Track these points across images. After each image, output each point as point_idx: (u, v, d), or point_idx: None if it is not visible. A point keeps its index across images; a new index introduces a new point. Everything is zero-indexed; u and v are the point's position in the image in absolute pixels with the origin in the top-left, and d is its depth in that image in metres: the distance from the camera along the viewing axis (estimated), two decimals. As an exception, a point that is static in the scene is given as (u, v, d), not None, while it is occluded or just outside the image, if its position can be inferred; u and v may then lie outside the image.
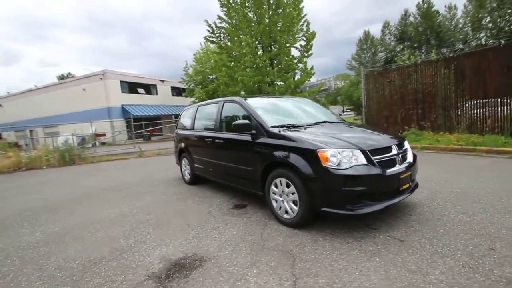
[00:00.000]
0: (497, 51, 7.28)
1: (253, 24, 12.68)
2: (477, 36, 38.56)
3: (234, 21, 13.65)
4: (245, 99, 3.77)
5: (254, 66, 12.59)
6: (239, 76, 12.57)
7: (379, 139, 2.88)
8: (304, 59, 14.45)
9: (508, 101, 7.02)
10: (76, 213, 4.03)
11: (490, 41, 36.12)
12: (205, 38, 14.23)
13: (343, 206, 2.44)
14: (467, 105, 7.87)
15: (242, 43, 12.99)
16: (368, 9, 78.46)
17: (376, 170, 2.48)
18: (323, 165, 2.49)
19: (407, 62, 10.44)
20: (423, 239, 2.40)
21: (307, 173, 2.58)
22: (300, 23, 14.12)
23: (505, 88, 7.08)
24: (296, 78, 14.59)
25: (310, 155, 2.58)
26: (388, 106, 10.03)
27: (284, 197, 2.91)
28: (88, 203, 4.56)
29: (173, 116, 19.10)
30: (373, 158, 2.54)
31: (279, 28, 13.52)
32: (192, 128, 4.96)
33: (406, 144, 3.07)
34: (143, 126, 21.58)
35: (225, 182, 4.10)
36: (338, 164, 2.46)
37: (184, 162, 5.36)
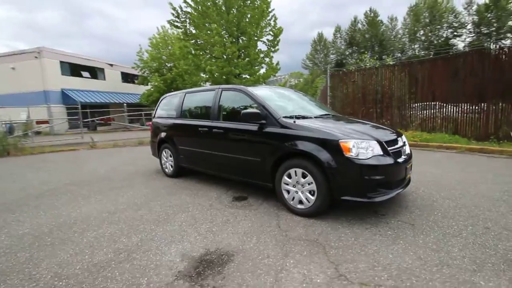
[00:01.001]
0: (445, 60, 8.41)
1: (222, 12, 12.24)
2: (413, 46, 44.01)
3: (200, 7, 13.01)
4: (248, 88, 3.63)
5: (224, 56, 12.23)
6: (207, 65, 12.08)
7: (387, 132, 3.08)
8: (271, 54, 14.60)
9: (451, 105, 8.20)
10: (43, 212, 3.41)
11: (422, 52, 41.71)
12: (168, 22, 13.25)
13: (364, 194, 2.56)
14: (420, 105, 8.94)
15: (210, 32, 12.50)
16: (320, 12, 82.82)
17: (390, 160, 2.65)
18: (345, 155, 2.56)
19: (363, 65, 11.40)
20: (429, 222, 2.66)
21: (328, 163, 2.62)
22: (268, 18, 14.17)
23: (449, 93, 8.24)
24: (262, 72, 14.65)
25: (332, 145, 2.63)
26: (351, 104, 10.80)
27: (298, 187, 2.91)
28: (54, 200, 3.90)
29: (124, 104, 17.47)
30: (388, 149, 2.71)
31: (247, 20, 13.36)
32: (179, 117, 4.60)
33: (404, 138, 3.35)
34: (88, 115, 19.25)
35: (222, 174, 3.91)
36: (359, 154, 2.56)
37: (166, 153, 4.96)
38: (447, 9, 40.57)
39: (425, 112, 8.92)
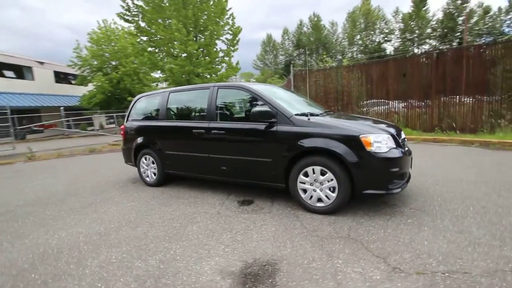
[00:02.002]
0: (396, 61, 9.40)
1: (180, 7, 11.58)
2: (351, 49, 48.41)
3: (154, 1, 12.10)
4: (250, 85, 3.46)
5: (184, 54, 11.59)
6: (167, 63, 11.29)
7: (391, 126, 3.24)
8: (231, 53, 14.42)
9: (402, 101, 9.21)
10: (8, 243, 2.71)
11: (359, 55, 46.25)
12: (118, 15, 11.97)
13: (385, 186, 2.65)
14: (375, 102, 9.82)
15: (167, 28, 11.73)
16: (266, 14, 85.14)
17: (402, 152, 2.80)
18: (367, 149, 2.61)
19: (323, 65, 12.07)
20: (436, 208, 2.90)
21: (351, 158, 2.64)
22: (227, 16, 13.95)
23: (400, 91, 9.24)
24: (221, 72, 14.37)
25: (353, 141, 2.65)
26: (314, 102, 11.32)
27: (316, 185, 2.88)
28: (15, 227, 3.14)
29: (61, 108, 15.27)
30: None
31: (206, 17, 12.94)
32: (164, 118, 4.15)
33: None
34: (16, 121, 16.26)
35: (224, 178, 3.64)
36: (378, 148, 2.64)
37: (146, 160, 4.43)
38: (378, 17, 45.72)
39: (380, 108, 9.85)
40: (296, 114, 3.04)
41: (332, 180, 2.77)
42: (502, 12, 37.60)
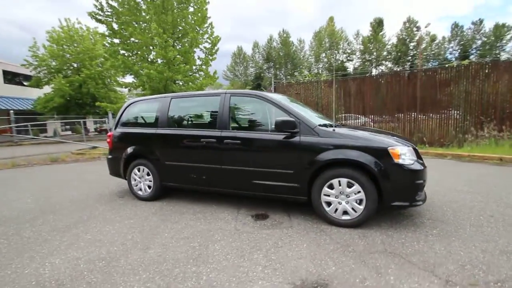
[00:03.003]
0: (371, 78, 10.07)
1: (160, 12, 11.13)
2: (317, 66, 51.18)
3: (129, 3, 11.49)
4: (267, 94, 3.34)
5: (162, 60, 11.08)
6: (144, 68, 10.66)
7: (407, 140, 3.32)
8: (209, 62, 14.21)
9: (377, 116, 9.83)
10: (-18, 276, 2.16)
11: (324, 72, 49.06)
12: (90, 14, 11.07)
13: (413, 198, 2.68)
14: (353, 116, 10.34)
15: (144, 31, 11.18)
16: (233, 27, 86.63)
17: (423, 165, 2.88)
18: (395, 161, 2.64)
19: (302, 79, 12.44)
20: (451, 218, 3.02)
21: (380, 170, 2.64)
22: (206, 25, 13.79)
23: (375, 106, 9.87)
24: (200, 81, 14.05)
25: (382, 153, 2.67)
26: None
27: (342, 197, 2.82)
28: (-16, 254, 2.54)
29: (11, 111, 13.50)
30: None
31: (184, 24, 12.65)
32: (164, 126, 3.80)
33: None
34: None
35: (235, 191, 3.40)
36: (405, 160, 2.68)
37: (140, 171, 4.00)
38: (341, 38, 49.34)
39: (357, 121, 10.38)
40: (319, 125, 2.99)
41: (359, 192, 2.73)
42: (445, 41, 43.14)
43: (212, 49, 14.12)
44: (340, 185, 2.80)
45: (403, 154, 2.68)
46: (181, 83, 13.36)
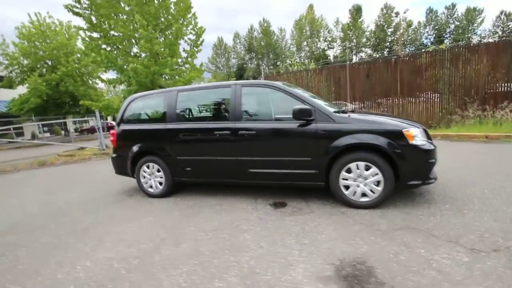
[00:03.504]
0: (360, 65, 10.28)
1: (143, 3, 10.66)
2: (299, 55, 51.26)
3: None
4: (279, 83, 3.35)
5: (145, 54, 10.70)
6: (129, 63, 10.26)
7: (415, 122, 3.46)
8: (195, 54, 13.89)
9: (366, 100, 10.11)
10: (14, 282, 2.09)
11: (306, 60, 49.26)
12: (66, 6, 10.40)
13: (427, 177, 2.84)
14: (343, 103, 10.56)
15: (126, 23, 10.72)
16: (214, 17, 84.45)
17: (433, 145, 3.03)
18: (410, 142, 2.77)
19: (291, 68, 12.52)
20: (457, 193, 3.22)
21: (396, 152, 2.77)
22: (189, 15, 13.39)
23: (364, 91, 10.13)
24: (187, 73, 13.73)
25: (397, 135, 2.79)
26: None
27: (360, 180, 2.94)
28: (9, 260, 2.45)
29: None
30: (426, 135, 3.09)
31: (167, 15, 12.22)
32: (173, 121, 3.73)
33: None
34: None
35: (252, 181, 3.44)
36: (418, 141, 2.83)
37: (149, 168, 3.93)
38: (322, 26, 49.53)
39: (347, 108, 10.63)
40: (335, 112, 3.06)
41: (377, 174, 2.86)
42: (421, 26, 44.43)
43: (197, 41, 13.76)
44: (358, 168, 2.91)
45: (416, 135, 2.82)
46: (167, 77, 13.02)
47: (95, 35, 11.48)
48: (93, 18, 11.22)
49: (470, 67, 8.26)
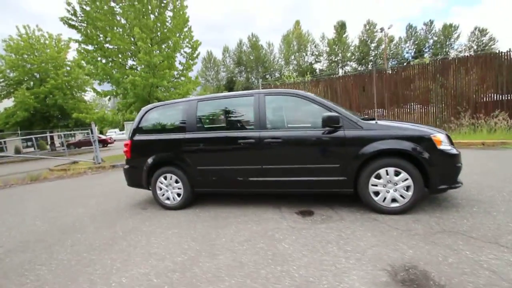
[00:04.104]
0: (356, 77, 10.61)
1: (141, 17, 10.69)
2: (288, 68, 52.48)
3: (105, 7, 10.89)
4: (303, 92, 3.40)
5: (141, 66, 10.62)
6: (127, 75, 10.13)
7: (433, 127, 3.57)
8: (191, 67, 13.96)
9: (362, 111, 10.39)
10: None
11: (295, 73, 50.47)
12: (62, 19, 10.27)
13: (455, 181, 2.91)
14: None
15: (124, 36, 10.68)
16: (202, 32, 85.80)
17: (457, 150, 3.12)
18: (438, 148, 2.85)
19: (287, 80, 12.76)
20: (480, 196, 3.31)
21: (426, 157, 2.82)
22: (186, 29, 13.53)
23: (360, 102, 10.43)
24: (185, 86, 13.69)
25: (426, 140, 2.86)
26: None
27: (390, 186, 2.97)
28: (30, 281, 2.27)
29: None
30: (448, 140, 3.19)
31: (165, 29, 12.30)
32: (193, 130, 3.67)
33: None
34: None
35: (279, 190, 3.41)
36: (445, 146, 2.91)
37: (167, 179, 3.82)
38: (308, 40, 51.22)
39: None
40: (362, 119, 3.12)
41: (406, 179, 2.90)
42: (402, 41, 46.77)
43: (193, 54, 13.86)
44: (387, 174, 2.95)
45: (443, 140, 2.90)
46: (163, 90, 12.92)
47: (90, 47, 11.34)
48: (89, 31, 11.12)
49: (461, 78, 8.70)
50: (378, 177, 2.98)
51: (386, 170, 2.94)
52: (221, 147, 3.56)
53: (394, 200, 2.97)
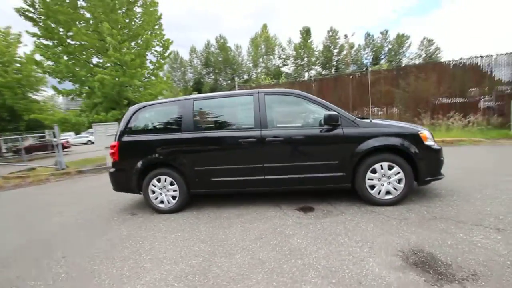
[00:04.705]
0: (330, 80, 11.17)
1: (109, 11, 10.01)
2: (256, 71, 53.06)
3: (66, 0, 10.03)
4: (302, 92, 3.52)
5: (118, 64, 9.97)
6: (95, 73, 9.41)
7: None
8: (163, 67, 13.50)
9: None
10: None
11: (263, 75, 51.22)
12: (18, 10, 9.17)
13: (439, 173, 3.24)
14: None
15: (90, 31, 9.94)
16: (168, 32, 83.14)
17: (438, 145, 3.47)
18: (425, 143, 3.16)
19: (262, 82, 12.92)
20: (459, 186, 3.72)
21: (416, 152, 3.11)
22: (157, 26, 13.03)
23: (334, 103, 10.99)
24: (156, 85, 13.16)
25: (415, 137, 3.16)
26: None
27: (384, 180, 3.21)
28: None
29: None
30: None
31: (135, 25, 11.73)
32: (190, 130, 3.57)
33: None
34: None
35: (279, 188, 3.45)
36: (430, 141, 3.23)
37: (161, 182, 3.66)
38: (276, 44, 52.39)
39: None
40: (357, 117, 3.33)
41: (398, 173, 3.16)
42: (361, 48, 50.19)
43: (164, 53, 13.39)
44: (382, 168, 3.18)
45: (429, 136, 3.23)
46: (134, 89, 12.23)
47: (49, 42, 10.33)
48: (49, 25, 10.11)
49: (420, 83, 9.65)
50: (374, 171, 3.20)
51: (381, 165, 3.18)
52: (221, 147, 3.52)
53: (388, 192, 3.22)
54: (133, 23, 11.66)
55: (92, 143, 30.57)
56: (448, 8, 71.89)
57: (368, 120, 3.34)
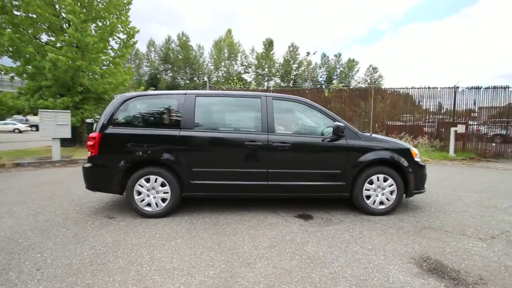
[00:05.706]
0: (299, 92, 11.62)
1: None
2: (217, 74, 52.52)
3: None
4: (309, 101, 3.56)
5: (77, 45, 8.75)
6: (48, 51, 8.07)
7: None
8: (126, 55, 12.43)
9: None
10: None
11: (222, 79, 50.98)
12: None
13: (423, 187, 3.60)
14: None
15: (46, 3, 8.60)
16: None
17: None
18: (415, 159, 3.49)
19: (234, 85, 12.78)
20: (433, 201, 4.18)
21: (408, 166, 3.41)
22: (123, 11, 11.97)
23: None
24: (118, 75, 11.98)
25: (407, 152, 3.46)
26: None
27: (379, 191, 3.43)
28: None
29: None
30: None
31: (101, 5, 10.58)
32: (190, 128, 3.29)
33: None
34: None
35: (281, 194, 3.41)
36: (417, 157, 3.59)
37: (150, 183, 3.27)
38: (239, 51, 52.84)
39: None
40: (359, 130, 3.51)
41: (392, 185, 3.42)
42: (317, 66, 53.90)
43: (128, 41, 12.34)
44: (378, 180, 3.40)
45: (417, 153, 3.58)
46: (92, 75, 10.85)
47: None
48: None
49: (377, 104, 10.75)
50: (371, 182, 3.40)
51: (377, 177, 3.39)
52: (223, 149, 3.33)
53: (381, 203, 3.44)
54: (97, 1, 10.47)
55: (20, 132, 26.22)
56: (388, 41, 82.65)
57: (368, 134, 3.55)
